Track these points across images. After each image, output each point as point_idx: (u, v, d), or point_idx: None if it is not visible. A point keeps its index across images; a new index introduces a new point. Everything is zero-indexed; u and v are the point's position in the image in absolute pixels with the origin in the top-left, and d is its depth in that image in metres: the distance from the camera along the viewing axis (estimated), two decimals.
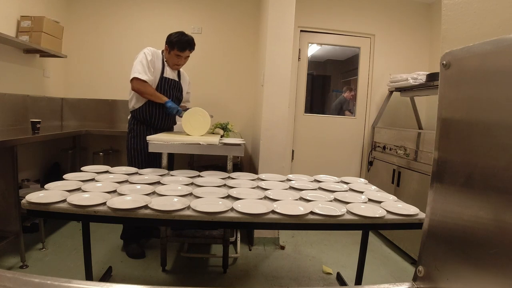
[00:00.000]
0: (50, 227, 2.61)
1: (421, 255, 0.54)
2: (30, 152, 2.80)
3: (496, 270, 0.40)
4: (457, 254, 0.47)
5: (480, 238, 0.43)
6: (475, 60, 0.45)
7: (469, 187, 0.46)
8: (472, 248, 0.44)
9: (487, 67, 0.43)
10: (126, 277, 2.01)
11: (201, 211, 1.18)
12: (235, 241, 2.46)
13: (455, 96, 0.49)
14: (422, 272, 0.52)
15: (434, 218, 0.52)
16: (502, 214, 0.40)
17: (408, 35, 3.51)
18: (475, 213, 0.44)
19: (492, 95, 0.43)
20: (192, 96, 2.76)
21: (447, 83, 0.50)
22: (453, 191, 0.49)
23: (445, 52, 0.50)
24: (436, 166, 0.52)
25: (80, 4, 3.29)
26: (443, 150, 0.51)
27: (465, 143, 0.47)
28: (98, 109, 3.34)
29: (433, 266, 0.51)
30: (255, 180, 1.73)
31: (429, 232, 0.53)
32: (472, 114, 0.46)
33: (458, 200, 0.48)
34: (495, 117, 0.42)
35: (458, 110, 0.49)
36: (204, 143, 1.83)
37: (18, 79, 2.66)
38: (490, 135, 0.43)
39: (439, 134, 0.52)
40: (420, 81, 2.78)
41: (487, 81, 0.44)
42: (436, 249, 0.51)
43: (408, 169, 2.53)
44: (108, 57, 3.36)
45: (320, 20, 3.38)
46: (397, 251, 2.58)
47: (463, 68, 0.48)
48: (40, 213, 1.19)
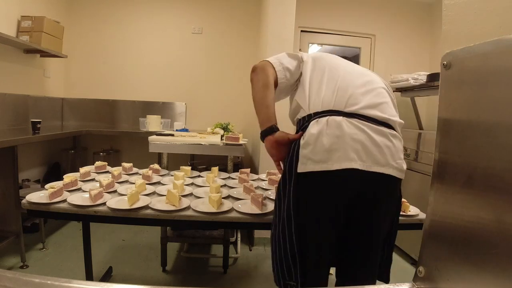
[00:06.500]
0: (50, 227, 2.61)
1: (421, 256, 0.54)
2: (31, 152, 2.80)
3: (497, 271, 0.40)
4: (458, 255, 0.47)
5: (480, 239, 0.43)
6: (476, 60, 0.45)
7: (469, 188, 0.46)
8: (473, 249, 0.44)
9: (488, 68, 0.43)
10: (127, 277, 2.01)
11: (201, 211, 1.18)
12: (236, 241, 2.46)
13: (456, 97, 0.49)
14: (423, 273, 0.52)
15: (435, 219, 0.52)
16: (503, 215, 0.40)
17: (408, 35, 3.51)
18: (476, 213, 0.44)
19: (493, 95, 0.43)
20: (192, 96, 2.76)
21: (448, 83, 0.50)
22: (453, 191, 0.49)
23: (446, 52, 0.50)
24: (436, 167, 0.52)
25: (81, 4, 3.29)
26: (443, 150, 0.51)
27: (465, 144, 0.47)
28: (99, 109, 3.35)
29: (433, 266, 0.51)
30: (256, 180, 1.73)
31: (429, 233, 0.53)
32: (473, 115, 0.46)
33: (458, 200, 0.48)
34: (496, 117, 0.42)
35: (458, 110, 0.49)
36: (206, 143, 1.83)
37: (18, 79, 2.66)
38: (491, 136, 0.43)
39: (439, 134, 0.52)
40: (420, 82, 2.77)
41: (488, 82, 0.44)
42: (437, 250, 0.51)
43: (408, 170, 2.51)
44: (108, 57, 3.36)
45: (320, 20, 3.38)
46: (397, 251, 2.57)
47: (464, 69, 0.47)
48: (40, 213, 1.19)
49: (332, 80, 1.07)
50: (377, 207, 1.00)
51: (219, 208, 1.21)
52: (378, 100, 1.04)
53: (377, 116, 1.00)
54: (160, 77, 3.43)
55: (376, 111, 1.00)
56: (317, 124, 0.98)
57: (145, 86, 3.42)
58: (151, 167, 1.72)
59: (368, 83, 1.07)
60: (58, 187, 1.25)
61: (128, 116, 3.38)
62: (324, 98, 1.03)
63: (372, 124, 0.98)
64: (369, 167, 0.94)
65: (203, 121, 3.34)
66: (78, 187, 1.40)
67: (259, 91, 1.12)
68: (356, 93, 1.03)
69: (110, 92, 3.37)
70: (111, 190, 1.36)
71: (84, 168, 1.59)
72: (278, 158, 1.13)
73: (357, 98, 1.02)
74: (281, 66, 1.13)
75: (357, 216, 1.00)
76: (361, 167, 0.94)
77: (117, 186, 1.42)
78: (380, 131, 0.98)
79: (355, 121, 0.97)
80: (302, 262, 0.97)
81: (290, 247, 0.97)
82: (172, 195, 1.22)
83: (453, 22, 0.50)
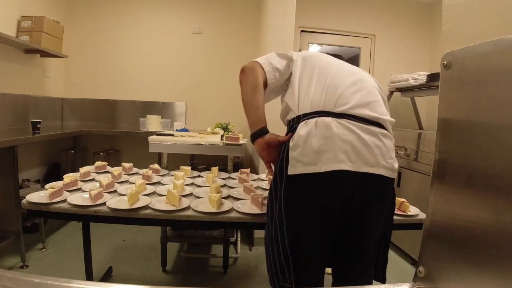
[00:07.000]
0: (50, 227, 2.61)
1: (421, 256, 0.54)
2: (31, 152, 2.80)
3: (497, 271, 0.40)
4: (458, 255, 0.47)
5: (480, 239, 0.43)
6: (476, 60, 0.45)
7: (469, 188, 0.46)
8: (473, 249, 0.44)
9: (488, 68, 0.43)
10: (127, 277, 2.01)
11: (201, 211, 1.18)
12: (236, 241, 2.46)
13: (456, 97, 0.49)
14: (423, 273, 0.52)
15: (435, 219, 0.52)
16: (503, 215, 0.40)
17: (408, 35, 3.51)
18: (476, 213, 0.44)
19: (493, 95, 0.43)
20: (192, 96, 2.76)
21: (448, 83, 0.50)
22: (453, 191, 0.49)
23: (446, 52, 0.50)
24: (436, 167, 0.52)
25: (81, 4, 3.29)
26: (443, 150, 0.51)
27: (465, 144, 0.47)
28: (98, 109, 3.35)
29: (433, 266, 0.51)
30: (256, 180, 1.73)
31: (429, 233, 0.53)
32: (473, 115, 0.46)
33: (458, 200, 0.48)
34: (496, 117, 0.42)
35: (458, 110, 0.49)
36: (206, 143, 1.83)
37: (18, 79, 2.66)
38: (491, 136, 0.43)
39: (439, 134, 0.52)
40: (420, 82, 2.78)
41: (488, 82, 0.44)
42: (437, 250, 0.51)
43: (408, 170, 2.52)
44: (108, 57, 3.36)
45: (320, 20, 3.38)
46: (397, 251, 2.57)
47: (464, 69, 0.47)
48: (40, 213, 1.19)
49: (321, 78, 1.06)
50: (369, 207, 0.99)
51: (219, 208, 1.21)
52: (369, 99, 1.03)
53: (367, 115, 0.99)
54: (160, 77, 3.43)
55: (366, 110, 1.00)
56: (305, 125, 0.98)
57: (145, 86, 3.42)
58: (151, 167, 1.72)
59: (358, 82, 1.06)
60: (58, 187, 1.25)
61: (128, 116, 3.38)
62: (313, 98, 1.03)
63: (361, 124, 0.97)
64: (359, 168, 0.94)
65: (203, 121, 3.34)
66: (78, 187, 1.39)
67: (248, 93, 1.11)
68: (346, 92, 1.02)
69: (110, 92, 3.37)
70: (111, 190, 1.36)
71: (84, 168, 1.59)
72: (268, 160, 1.12)
73: (347, 98, 1.01)
74: (270, 67, 1.12)
75: (349, 217, 1.00)
76: (351, 168, 0.93)
77: (117, 186, 1.42)
78: (370, 131, 0.97)
79: (344, 121, 0.96)
80: (295, 263, 0.96)
81: (283, 249, 0.97)
82: (172, 195, 1.22)
83: (453, 22, 0.50)
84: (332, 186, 0.95)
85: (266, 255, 1.05)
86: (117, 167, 1.75)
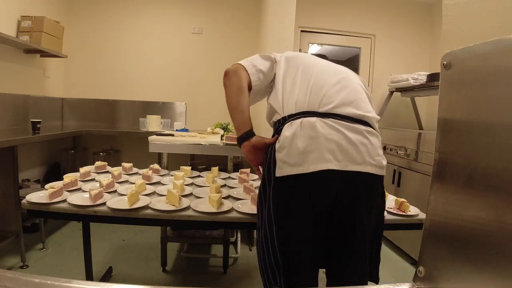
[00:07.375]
0: (50, 227, 2.61)
1: (421, 256, 0.53)
2: (31, 152, 2.80)
3: (497, 271, 0.40)
4: (458, 255, 0.47)
5: (480, 239, 0.43)
6: (476, 60, 0.45)
7: (469, 188, 0.46)
8: (473, 249, 0.44)
9: (488, 68, 0.43)
10: (127, 277, 2.01)
11: (201, 211, 1.18)
12: (236, 241, 2.46)
13: (456, 97, 0.49)
14: (423, 273, 0.52)
15: (435, 219, 0.52)
16: (503, 215, 0.40)
17: (408, 35, 3.51)
18: (476, 213, 0.44)
19: (493, 95, 0.43)
20: (192, 96, 2.76)
21: (448, 83, 0.50)
22: (453, 191, 0.49)
23: (446, 52, 0.50)
24: (436, 167, 0.52)
25: (81, 4, 3.29)
26: (443, 150, 0.51)
27: (465, 144, 0.47)
28: (98, 109, 3.35)
29: (433, 266, 0.51)
30: (256, 180, 1.73)
31: (429, 233, 0.53)
32: (473, 115, 0.46)
33: (458, 200, 0.48)
34: (496, 117, 0.42)
35: (458, 110, 0.49)
36: (206, 143, 1.83)
37: (18, 79, 2.66)
38: (490, 136, 0.43)
39: (439, 134, 0.52)
40: (420, 82, 2.78)
41: (488, 82, 0.44)
42: (437, 250, 0.51)
43: (408, 170, 2.52)
44: (108, 57, 3.36)
45: (320, 20, 3.38)
46: (397, 251, 2.57)
47: (464, 69, 0.47)
48: (40, 213, 1.19)
49: (305, 79, 1.06)
50: (358, 206, 0.99)
51: (219, 208, 1.21)
52: (353, 97, 1.03)
53: (352, 114, 0.99)
54: (160, 77, 3.43)
55: (351, 108, 1.00)
56: (291, 126, 0.98)
57: (145, 86, 3.42)
58: (151, 167, 1.72)
59: (343, 80, 1.06)
60: (58, 187, 1.25)
61: (128, 116, 3.38)
62: (298, 98, 1.03)
63: (347, 123, 0.97)
64: (345, 167, 0.93)
65: (203, 121, 3.34)
66: (78, 187, 1.39)
67: (233, 96, 1.10)
68: (331, 91, 1.02)
69: (110, 92, 3.37)
70: (111, 190, 1.36)
71: (84, 168, 1.59)
72: (256, 163, 1.12)
73: (331, 97, 1.01)
74: (254, 69, 1.12)
75: (339, 216, 0.99)
76: (337, 167, 0.93)
77: (117, 186, 1.42)
78: (355, 129, 0.97)
79: (329, 120, 0.96)
80: (286, 265, 0.96)
81: (272, 251, 0.97)
82: (172, 195, 1.22)
83: (453, 22, 0.50)
84: (321, 186, 0.95)
85: (258, 259, 1.05)
86: (117, 167, 1.75)
